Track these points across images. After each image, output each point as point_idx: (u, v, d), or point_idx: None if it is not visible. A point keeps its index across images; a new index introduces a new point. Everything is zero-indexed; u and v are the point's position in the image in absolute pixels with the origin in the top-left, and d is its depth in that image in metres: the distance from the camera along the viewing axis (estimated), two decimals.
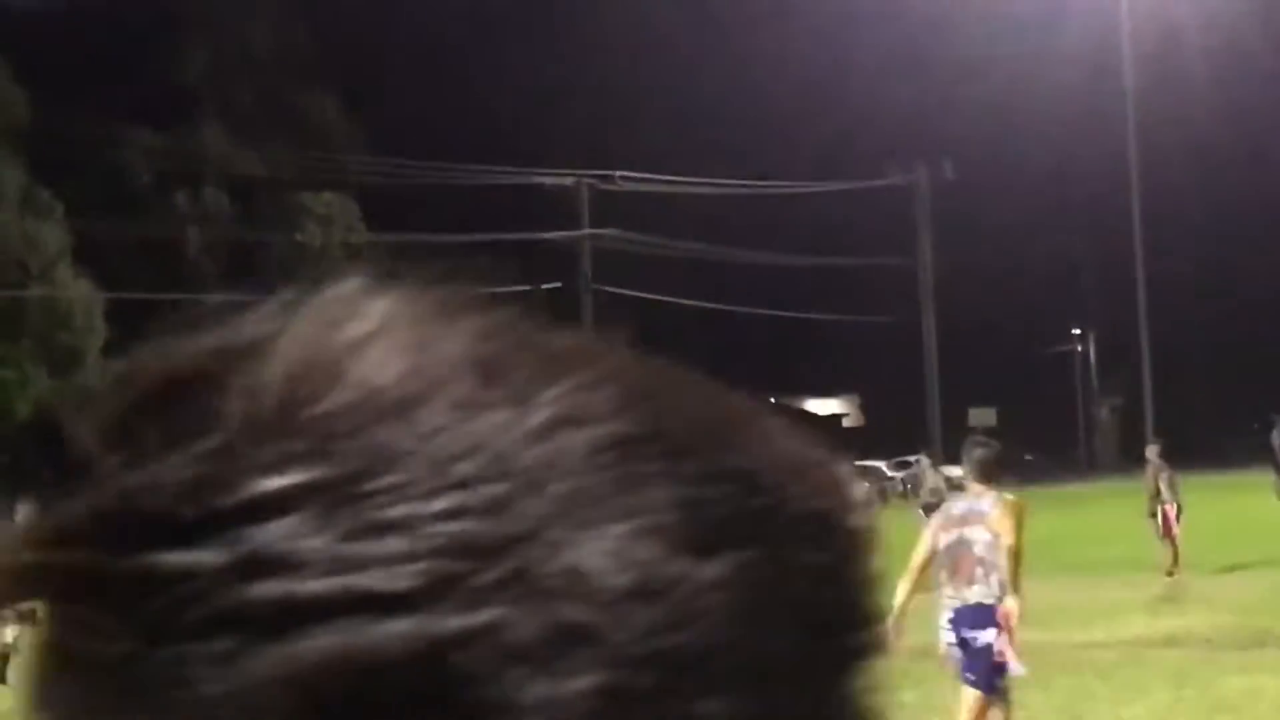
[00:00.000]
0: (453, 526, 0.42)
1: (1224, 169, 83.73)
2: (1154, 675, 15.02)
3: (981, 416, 78.43)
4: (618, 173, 67.16)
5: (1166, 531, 25.85)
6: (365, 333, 0.47)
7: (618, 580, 0.53)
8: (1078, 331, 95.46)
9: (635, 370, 0.51)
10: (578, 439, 0.44)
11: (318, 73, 71.96)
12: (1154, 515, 26.29)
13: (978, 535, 11.07)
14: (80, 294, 59.83)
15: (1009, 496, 11.46)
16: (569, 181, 67.52)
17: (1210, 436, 77.74)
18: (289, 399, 0.55)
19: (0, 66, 60.41)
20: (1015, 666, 11.11)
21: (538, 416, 0.44)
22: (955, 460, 58.50)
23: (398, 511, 0.43)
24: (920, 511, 26.77)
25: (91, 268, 60.99)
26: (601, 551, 0.53)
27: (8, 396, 55.84)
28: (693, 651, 0.54)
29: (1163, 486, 26.51)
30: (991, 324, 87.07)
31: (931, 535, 11.35)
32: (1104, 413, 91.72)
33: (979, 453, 11.53)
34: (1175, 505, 26.06)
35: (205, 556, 0.55)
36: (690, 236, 70.61)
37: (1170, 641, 17.39)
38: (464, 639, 0.52)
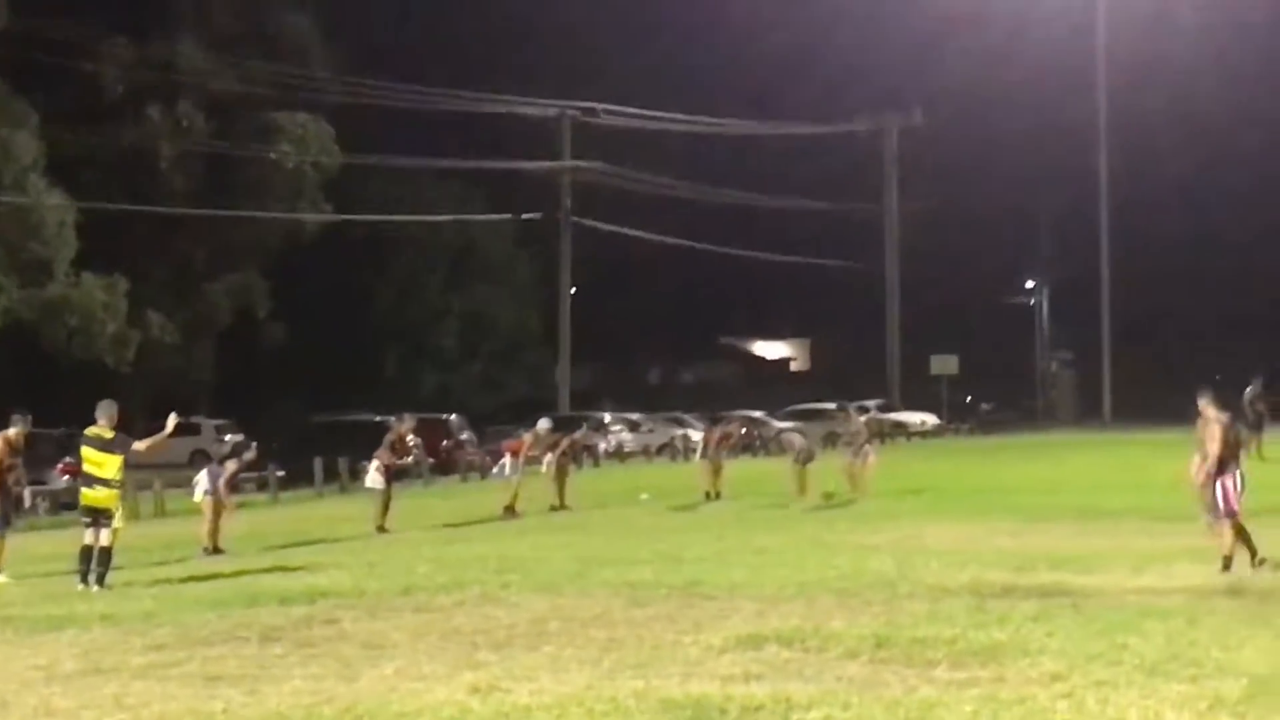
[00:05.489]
0: None
1: (1205, 134, 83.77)
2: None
3: (944, 364, 78.96)
4: (600, 105, 67.05)
5: None
6: None
7: None
8: (1031, 285, 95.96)
9: None
10: None
11: None
12: None
13: None
14: (52, 204, 59.16)
15: None
16: (552, 112, 67.38)
17: (1159, 395, 78.48)
18: None
19: None
20: None
21: None
22: (913, 406, 58.81)
23: None
24: None
25: (64, 179, 60.35)
26: None
27: None
28: None
29: None
30: (952, 273, 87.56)
31: None
32: (1053, 366, 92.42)
33: None
34: None
35: None
36: (667, 173, 70.72)
37: None
38: None
